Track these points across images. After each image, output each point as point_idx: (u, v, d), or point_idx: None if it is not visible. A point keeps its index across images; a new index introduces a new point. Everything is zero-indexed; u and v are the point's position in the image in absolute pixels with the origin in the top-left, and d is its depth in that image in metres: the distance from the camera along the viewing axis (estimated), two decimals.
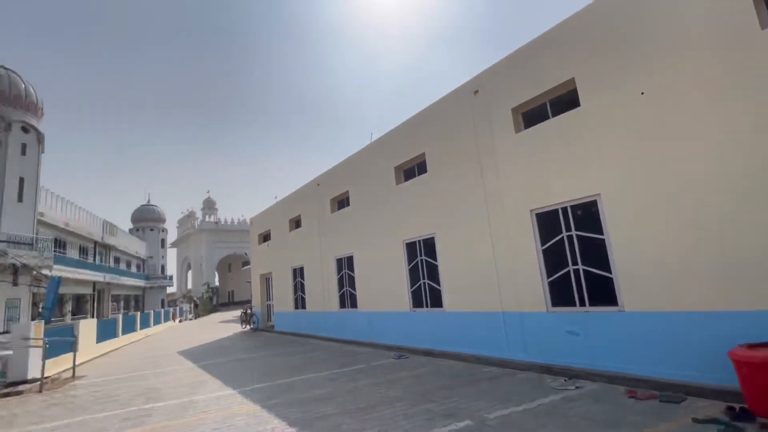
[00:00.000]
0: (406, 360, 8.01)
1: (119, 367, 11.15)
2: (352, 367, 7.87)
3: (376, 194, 10.33)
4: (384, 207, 9.97)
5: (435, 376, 6.47)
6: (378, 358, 8.49)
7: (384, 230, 9.96)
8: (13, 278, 18.85)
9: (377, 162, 10.35)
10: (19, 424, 6.12)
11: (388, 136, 10.13)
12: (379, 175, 10.19)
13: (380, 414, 4.84)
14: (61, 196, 25.38)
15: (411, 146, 9.23)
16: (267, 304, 17.93)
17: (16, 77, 21.06)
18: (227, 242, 51.23)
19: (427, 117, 8.92)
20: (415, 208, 8.98)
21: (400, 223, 9.41)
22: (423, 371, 6.91)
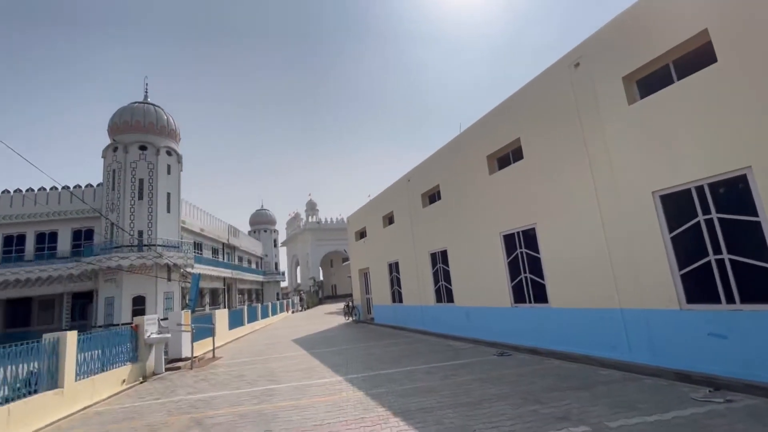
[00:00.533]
0: (509, 357, 7.63)
1: (246, 351, 12.86)
2: (451, 361, 7.80)
3: (468, 186, 10.03)
4: (477, 199, 9.63)
5: (542, 376, 6.04)
6: (478, 354, 8.26)
7: (478, 223, 9.62)
8: (167, 275, 23.14)
9: (468, 152, 10.04)
10: (179, 393, 7.48)
11: (478, 125, 9.74)
12: (471, 166, 9.86)
13: (484, 411, 4.70)
14: (196, 206, 30.24)
15: (504, 133, 8.72)
16: (366, 297, 18.83)
17: (161, 111, 25.69)
18: (328, 240, 55.16)
19: (520, 100, 8.33)
20: (511, 197, 8.48)
21: (495, 215, 8.99)
22: (528, 370, 6.51)
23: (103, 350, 7.98)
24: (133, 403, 7.10)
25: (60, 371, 6.57)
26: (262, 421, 5.25)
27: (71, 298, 23.86)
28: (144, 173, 23.43)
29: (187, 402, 6.69)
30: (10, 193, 23.86)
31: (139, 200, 23.00)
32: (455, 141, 10.79)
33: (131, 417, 6.15)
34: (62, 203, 23.95)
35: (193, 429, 5.19)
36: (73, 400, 6.75)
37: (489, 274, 9.23)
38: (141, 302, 21.99)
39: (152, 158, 23.88)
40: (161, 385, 8.39)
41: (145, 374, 9.22)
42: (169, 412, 6.21)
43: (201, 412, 5.95)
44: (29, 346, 6.23)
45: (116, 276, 21.71)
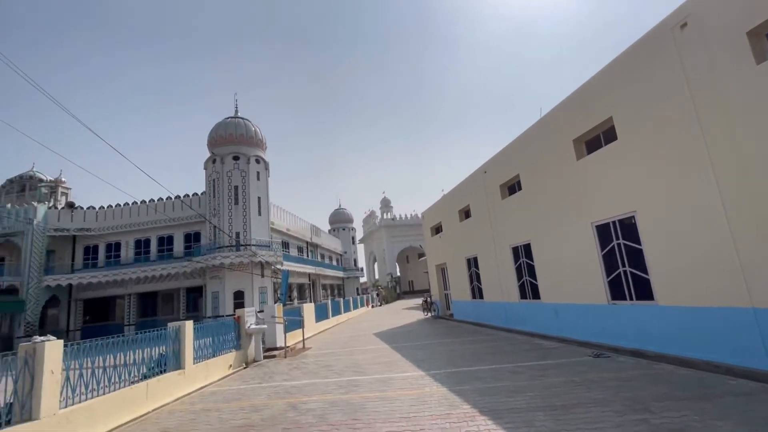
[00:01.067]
0: (607, 360, 6.92)
1: (332, 342, 13.59)
2: (540, 361, 7.34)
3: (551, 174, 9.31)
4: (563, 187, 8.88)
5: (650, 382, 5.36)
6: (570, 354, 7.64)
7: (565, 213, 8.88)
8: (261, 272, 25.51)
9: (551, 137, 9.31)
10: (276, 379, 8.20)
11: (562, 107, 8.96)
12: (555, 152, 9.13)
13: (581, 416, 4.33)
14: (282, 208, 32.77)
15: (593, 113, 7.90)
16: (445, 293, 18.63)
17: (249, 123, 28.35)
18: (403, 236, 55.80)
19: (611, 75, 7.46)
20: (604, 184, 7.66)
21: (585, 204, 8.21)
22: (632, 374, 5.83)
23: (213, 338, 9.08)
24: (239, 385, 7.96)
25: (182, 355, 7.63)
26: (351, 409, 5.49)
27: (186, 293, 27.66)
28: (238, 180, 26.11)
29: (283, 388, 7.30)
30: (138, 204, 28.41)
31: (235, 205, 25.70)
32: (536, 126, 10.08)
33: (239, 398, 6.90)
34: (175, 211, 27.82)
35: (290, 412, 5.64)
36: (193, 380, 7.80)
37: (580, 268, 8.47)
38: (240, 296, 24.58)
39: (244, 167, 26.48)
40: (261, 371, 9.27)
41: (247, 361, 10.28)
42: (268, 395, 6.84)
43: (296, 398, 6.44)
44: (159, 332, 7.34)
45: (220, 273, 24.56)
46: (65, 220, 27.62)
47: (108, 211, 28.58)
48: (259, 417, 5.57)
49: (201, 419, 5.77)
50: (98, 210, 28.63)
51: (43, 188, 28.84)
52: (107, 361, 6.01)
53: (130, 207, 28.48)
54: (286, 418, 5.40)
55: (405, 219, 57.10)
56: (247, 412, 5.87)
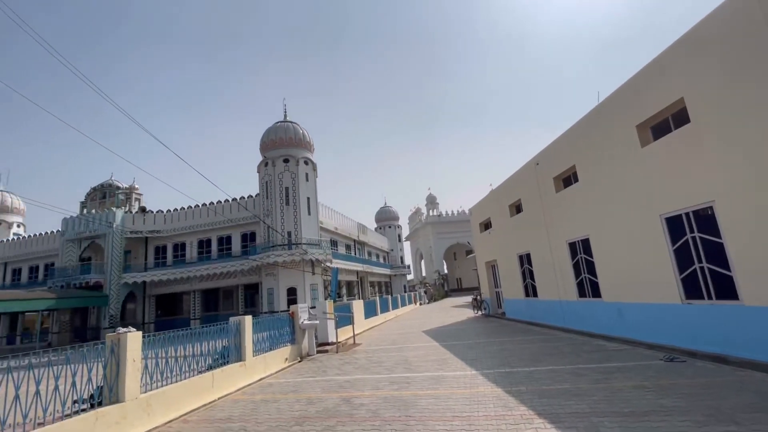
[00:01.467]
0: (682, 364, 6.32)
1: (381, 339, 13.73)
2: (603, 363, 6.87)
3: (612, 164, 8.66)
4: (626, 177, 8.23)
5: (735, 391, 4.81)
6: (637, 357, 7.07)
7: (629, 206, 8.22)
8: (312, 269, 26.40)
9: (611, 124, 8.65)
10: (329, 374, 8.44)
11: (623, 91, 8.28)
12: (616, 140, 8.48)
13: (654, 425, 3.99)
14: (330, 207, 33.64)
15: (659, 94, 7.22)
16: (495, 291, 18.08)
17: (297, 127, 29.43)
18: (450, 233, 54.97)
19: (682, 49, 6.77)
20: (674, 172, 6.98)
21: (652, 194, 7.54)
22: (712, 381, 5.27)
23: (270, 332, 9.55)
24: (294, 378, 8.30)
25: (243, 347, 8.11)
26: (403, 406, 5.51)
27: (244, 289, 29.36)
28: (288, 182, 27.20)
29: (336, 382, 7.50)
30: (199, 207, 30.63)
31: (286, 206, 26.80)
32: (593, 114, 9.42)
33: (295, 390, 7.19)
34: (233, 212, 29.60)
35: (343, 406, 5.77)
36: (252, 371, 8.26)
37: (647, 264, 7.81)
38: (293, 293, 25.62)
39: (294, 168, 27.53)
40: (314, 365, 9.60)
41: (301, 355, 10.69)
42: (322, 389, 7.05)
43: (348, 392, 6.59)
44: (222, 326, 7.86)
45: (274, 271, 25.77)
46: (138, 223, 30.46)
47: (174, 214, 31.08)
48: (315, 409, 5.76)
49: (261, 409, 6.09)
50: (166, 213, 31.23)
51: (120, 195, 31.99)
52: (178, 352, 6.54)
53: (192, 210, 30.76)
54: (340, 411, 5.54)
55: (451, 215, 56.21)
56: (303, 405, 6.10)
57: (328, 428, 4.88)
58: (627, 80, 8.12)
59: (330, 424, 5.04)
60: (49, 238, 34.28)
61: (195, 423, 5.67)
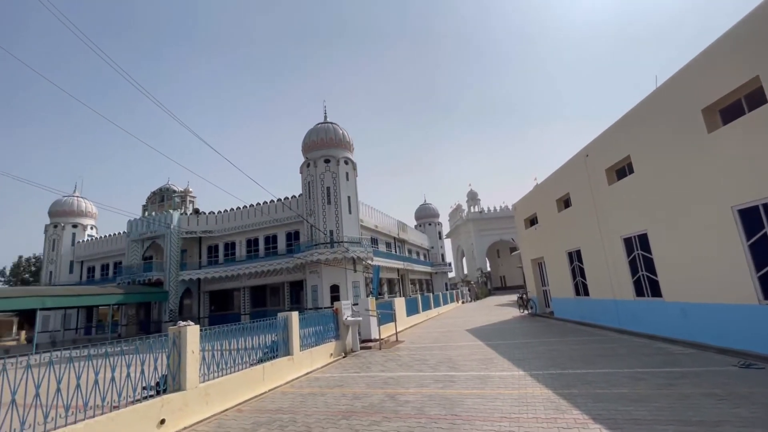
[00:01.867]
0: (760, 371, 5.71)
1: (423, 337, 13.67)
2: (665, 368, 6.38)
3: (673, 153, 8.00)
4: (690, 166, 7.56)
5: None
6: (705, 362, 6.49)
7: (693, 197, 7.55)
8: (353, 267, 26.84)
9: (672, 109, 7.99)
10: (373, 370, 8.54)
11: (686, 73, 7.60)
12: (678, 127, 7.82)
13: None
14: (370, 205, 33.97)
15: (729, 74, 6.56)
16: (543, 289, 17.37)
17: (337, 127, 30.00)
18: (493, 229, 53.55)
19: (756, 24, 6.10)
20: (749, 158, 6.31)
21: (722, 184, 6.87)
22: None
23: (315, 328, 9.82)
24: (340, 373, 8.49)
25: (290, 342, 8.41)
26: (448, 404, 5.45)
27: (289, 286, 30.46)
28: (329, 182, 27.81)
29: (380, 378, 7.57)
30: (247, 207, 32.17)
31: (327, 205, 27.43)
32: (650, 99, 8.75)
33: (340, 384, 7.35)
34: (278, 212, 30.78)
35: (388, 402, 5.82)
36: (300, 365, 8.55)
37: (716, 261, 7.14)
38: (336, 290, 26.20)
39: (334, 168, 28.10)
40: (358, 361, 9.75)
41: (345, 350, 10.91)
42: (367, 384, 7.15)
43: (393, 389, 6.62)
44: (270, 322, 8.20)
45: (317, 268, 26.50)
46: (193, 224, 32.54)
47: (224, 215, 32.88)
48: (361, 404, 5.85)
49: (309, 402, 6.28)
50: (217, 214, 33.11)
51: (176, 198, 34.34)
52: (231, 345, 6.91)
53: (241, 210, 32.35)
54: (385, 407, 5.58)
55: (494, 211, 54.71)
56: (348, 399, 6.22)
57: (374, 423, 4.94)
58: (691, 59, 7.45)
59: (376, 419, 5.10)
60: (116, 238, 37.56)
61: (248, 413, 5.97)
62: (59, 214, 39.51)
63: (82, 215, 40.67)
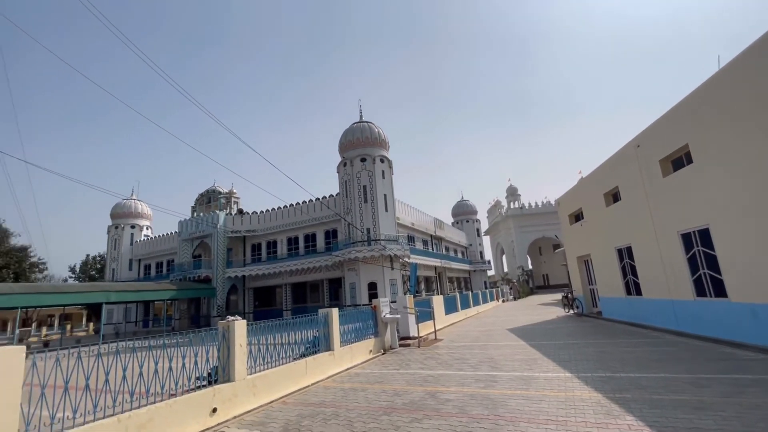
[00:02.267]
0: None
1: (463, 336, 13.46)
2: (733, 374, 5.86)
3: (743, 137, 7.30)
4: (764, 152, 6.86)
5: None
6: None
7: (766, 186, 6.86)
8: (390, 264, 26.95)
9: (738, 91, 7.30)
10: (412, 367, 8.54)
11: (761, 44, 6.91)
12: (745, 111, 7.13)
13: None
14: (406, 203, 33.92)
15: None
16: (590, 288, 16.52)
17: (373, 126, 30.20)
18: (534, 226, 51.66)
19: None
20: None
21: None
22: None
23: (355, 324, 9.97)
24: (380, 369, 8.56)
25: (331, 338, 8.60)
26: (491, 404, 5.33)
27: (328, 283, 31.16)
28: (366, 180, 28.07)
29: (420, 376, 7.55)
30: (287, 207, 33.24)
31: (364, 203, 27.71)
32: (713, 82, 8.04)
33: (380, 381, 7.42)
34: (316, 211, 31.56)
35: (429, 400, 5.79)
36: (340, 361, 8.71)
37: None
38: (374, 287, 26.44)
39: (370, 167, 28.32)
40: (397, 358, 9.79)
41: (384, 347, 10.98)
42: (407, 381, 7.16)
43: (433, 387, 6.58)
44: (312, 318, 8.42)
45: (355, 266, 26.87)
46: (237, 224, 34.12)
47: (266, 215, 34.17)
48: (401, 401, 5.87)
49: (350, 397, 6.39)
50: (260, 214, 34.48)
51: (222, 199, 36.18)
52: (276, 340, 7.17)
53: (281, 210, 33.48)
54: (426, 405, 5.56)
55: (535, 207, 52.72)
56: (389, 396, 6.25)
57: (415, 420, 4.94)
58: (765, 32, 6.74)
59: (417, 416, 5.09)
60: (169, 238, 40.16)
61: (293, 405, 6.17)
62: (119, 215, 42.92)
63: (139, 216, 43.91)
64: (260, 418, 5.61)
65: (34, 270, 43.07)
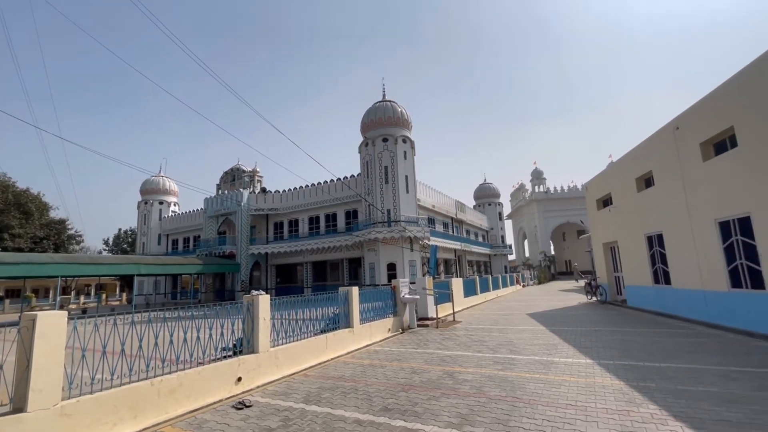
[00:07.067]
0: None
1: (482, 318, 13.45)
2: (765, 368, 5.63)
3: None
4: None
5: None
6: None
7: None
8: (410, 246, 26.99)
9: None
10: (430, 347, 8.62)
11: None
12: None
13: None
14: (427, 185, 33.59)
15: None
16: (615, 275, 16.09)
17: (396, 105, 29.70)
18: (559, 211, 50.37)
19: None
20: None
21: None
22: None
23: (374, 303, 10.10)
24: (398, 348, 8.69)
25: (351, 315, 8.76)
26: (509, 386, 5.34)
27: (348, 263, 31.61)
28: (387, 161, 27.87)
29: (437, 356, 7.62)
30: (309, 187, 33.58)
31: (385, 184, 27.61)
32: (763, 60, 7.42)
33: (398, 359, 7.54)
34: (337, 191, 31.73)
35: (446, 379, 5.85)
36: (360, 338, 8.89)
37: None
38: (393, 268, 26.63)
39: (392, 147, 28.05)
40: (415, 338, 9.90)
41: (403, 327, 11.12)
42: (425, 360, 7.24)
43: (451, 367, 6.64)
44: (332, 295, 8.58)
45: (375, 246, 27.06)
46: (260, 202, 34.80)
47: (288, 194, 34.65)
48: (419, 379, 5.96)
49: (369, 373, 6.54)
50: (282, 193, 35.00)
51: (246, 177, 36.84)
52: (298, 315, 7.36)
53: (303, 189, 33.85)
54: (444, 384, 5.62)
55: (561, 192, 51.24)
56: (407, 373, 6.36)
57: (433, 398, 5.01)
58: None
59: (434, 395, 5.16)
60: (196, 214, 41.47)
61: (314, 378, 6.37)
62: (148, 192, 44.48)
63: (166, 193, 45.37)
64: (282, 388, 5.83)
65: (72, 242, 45.50)
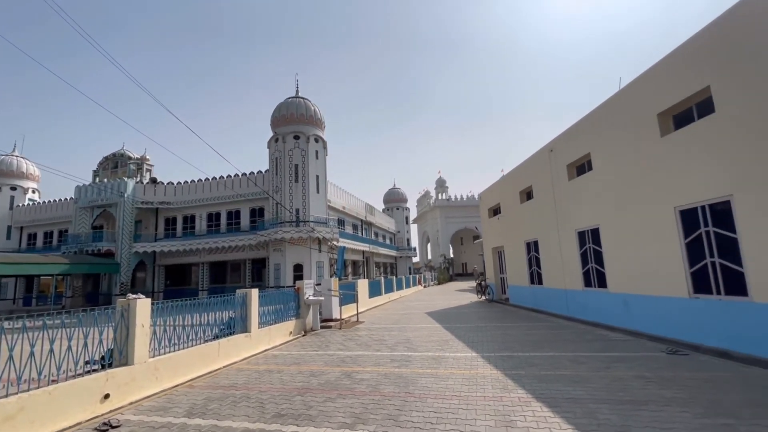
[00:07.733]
0: (684, 357, 6.31)
1: (384, 318, 13.91)
2: (604, 352, 6.89)
3: (628, 153, 8.44)
4: (642, 168, 8.02)
5: (738, 386, 4.80)
6: (639, 348, 7.08)
7: (643, 196, 8.05)
8: (318, 247, 26.64)
9: (630, 112, 8.38)
10: (331, 348, 8.60)
11: (646, 78, 7.98)
12: (634, 128, 8.23)
13: (651, 414, 4.01)
14: (338, 186, 33.62)
15: (685, 82, 6.94)
16: (501, 276, 18.10)
17: (309, 103, 29.10)
18: (458, 217, 54.80)
19: (711, 37, 6.46)
20: (695, 163, 6.78)
21: (668, 187, 7.35)
22: (716, 375, 5.26)
23: (275, 306, 9.71)
24: (298, 351, 8.48)
25: (248, 319, 8.27)
26: (402, 383, 5.61)
27: (251, 263, 29.84)
28: (298, 159, 27.14)
29: (338, 357, 7.64)
30: (209, 180, 30.83)
31: (295, 183, 26.84)
32: (612, 100, 9.13)
33: (298, 362, 7.36)
34: (242, 187, 29.75)
35: (344, 380, 5.90)
36: (257, 343, 8.45)
37: (656, 256, 7.70)
38: (299, 269, 25.97)
39: (304, 146, 27.41)
40: (318, 340, 9.79)
41: (305, 329, 10.89)
42: (325, 363, 7.20)
43: (350, 367, 6.72)
44: (228, 298, 8.00)
45: (281, 247, 26.07)
46: (149, 194, 30.81)
47: (185, 186, 31.35)
48: (317, 381, 5.89)
49: (264, 379, 6.25)
50: (176, 185, 31.50)
51: (132, 165, 32.27)
52: (186, 321, 6.69)
53: (203, 183, 30.98)
54: (341, 385, 5.66)
55: (461, 200, 55.87)
56: (305, 377, 6.24)
57: (329, 400, 5.00)
58: (650, 67, 7.80)
59: (331, 396, 5.16)
60: (62, 204, 34.95)
61: (200, 388, 5.85)
62: None
63: (22, 177, 37.36)
64: (161, 403, 5.22)
65: None
